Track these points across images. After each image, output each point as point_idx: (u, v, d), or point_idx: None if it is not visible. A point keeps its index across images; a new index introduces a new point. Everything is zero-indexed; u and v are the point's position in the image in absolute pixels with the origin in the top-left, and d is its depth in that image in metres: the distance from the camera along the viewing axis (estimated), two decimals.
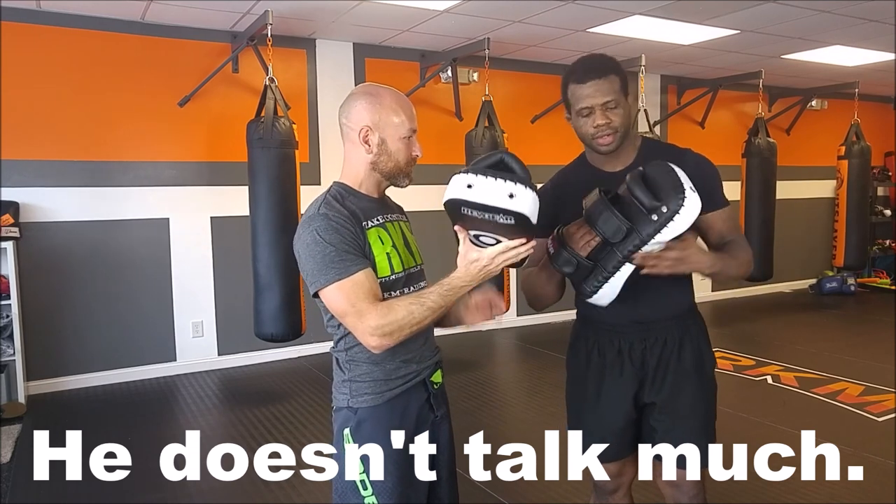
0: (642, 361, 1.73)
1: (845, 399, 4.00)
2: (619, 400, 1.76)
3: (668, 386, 1.73)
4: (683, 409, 1.73)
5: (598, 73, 1.64)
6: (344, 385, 1.52)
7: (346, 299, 1.38)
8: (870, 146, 6.41)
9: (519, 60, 5.84)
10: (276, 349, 4.94)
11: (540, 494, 2.85)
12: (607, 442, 1.79)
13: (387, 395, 1.49)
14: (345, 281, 1.38)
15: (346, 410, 1.51)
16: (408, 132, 1.50)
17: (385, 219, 1.52)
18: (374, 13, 4.39)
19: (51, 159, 4.33)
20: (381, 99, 1.49)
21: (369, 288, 1.39)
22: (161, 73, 4.59)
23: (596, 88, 1.63)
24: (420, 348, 1.55)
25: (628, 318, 1.71)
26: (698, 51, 5.52)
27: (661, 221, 1.44)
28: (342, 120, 1.52)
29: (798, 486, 2.85)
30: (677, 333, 1.73)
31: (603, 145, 1.67)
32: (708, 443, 1.76)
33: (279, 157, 3.91)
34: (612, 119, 1.64)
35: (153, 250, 4.66)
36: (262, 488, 2.94)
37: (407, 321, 1.37)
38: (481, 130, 4.66)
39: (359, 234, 1.43)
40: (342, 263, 1.38)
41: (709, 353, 1.80)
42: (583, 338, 1.83)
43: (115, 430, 3.69)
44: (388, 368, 1.49)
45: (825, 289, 7.49)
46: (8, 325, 4.00)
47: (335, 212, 1.43)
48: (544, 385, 4.44)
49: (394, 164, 1.51)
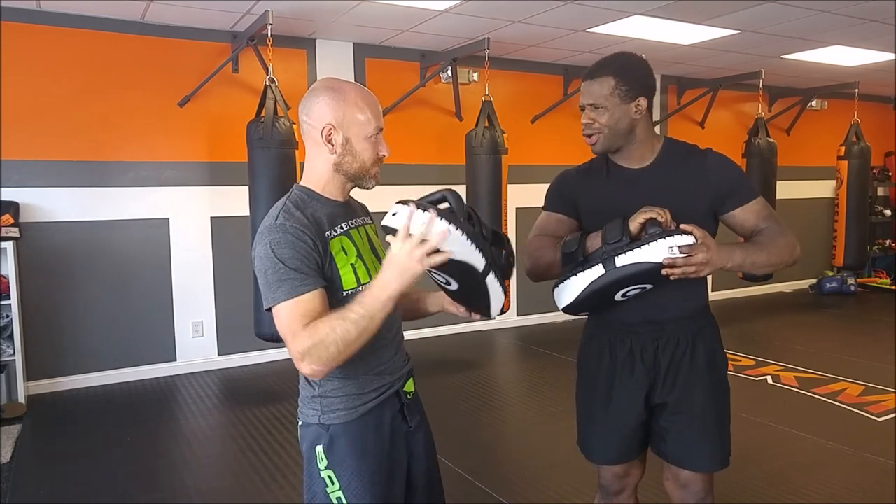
0: (654, 361, 1.72)
1: (845, 399, 4.00)
2: (631, 401, 1.74)
3: (679, 386, 1.71)
4: (696, 409, 1.72)
5: (592, 74, 1.67)
6: (314, 401, 1.43)
7: (288, 322, 1.29)
8: (870, 146, 6.40)
9: (519, 60, 5.85)
10: (276, 349, 4.94)
11: (540, 494, 2.85)
12: (617, 444, 1.79)
13: (360, 409, 1.42)
14: (290, 302, 1.29)
15: (317, 427, 1.42)
16: (374, 130, 1.40)
17: (350, 225, 1.45)
18: (374, 13, 4.39)
19: (51, 159, 4.33)
20: (345, 95, 1.39)
21: (311, 309, 1.29)
22: (161, 73, 4.60)
23: (585, 89, 1.68)
24: (392, 359, 1.48)
25: (642, 317, 1.70)
26: (698, 51, 5.52)
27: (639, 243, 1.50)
28: (303, 117, 1.42)
29: (798, 486, 2.85)
30: (690, 333, 1.72)
31: (589, 143, 1.72)
32: (721, 444, 1.75)
33: (279, 158, 3.91)
34: (594, 119, 1.67)
35: (153, 250, 4.66)
36: (262, 488, 2.94)
37: (331, 338, 1.25)
38: (481, 130, 4.66)
39: (318, 246, 1.34)
40: (290, 283, 1.29)
41: (721, 353, 1.78)
42: (595, 337, 1.82)
43: (115, 430, 3.69)
44: (360, 381, 1.42)
45: (825, 289, 7.50)
46: (8, 325, 4.00)
47: (293, 222, 1.33)
48: (544, 385, 4.44)
49: (359, 165, 1.41)
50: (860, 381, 4.31)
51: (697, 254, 1.47)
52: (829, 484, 2.90)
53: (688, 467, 1.75)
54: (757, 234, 1.68)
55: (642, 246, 1.49)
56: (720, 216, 1.72)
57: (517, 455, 3.35)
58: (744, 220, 1.69)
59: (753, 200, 1.69)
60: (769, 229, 1.67)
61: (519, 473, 3.08)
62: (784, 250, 1.64)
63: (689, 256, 1.47)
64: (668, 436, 1.74)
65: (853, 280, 7.53)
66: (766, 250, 1.62)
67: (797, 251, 1.66)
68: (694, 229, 1.49)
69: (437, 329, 5.55)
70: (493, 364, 5.22)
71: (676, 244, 1.47)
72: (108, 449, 3.42)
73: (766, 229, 1.67)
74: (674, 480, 1.79)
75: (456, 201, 1.31)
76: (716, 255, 1.50)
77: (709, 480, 1.78)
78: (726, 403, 1.78)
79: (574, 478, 2.96)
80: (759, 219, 1.69)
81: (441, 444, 1.73)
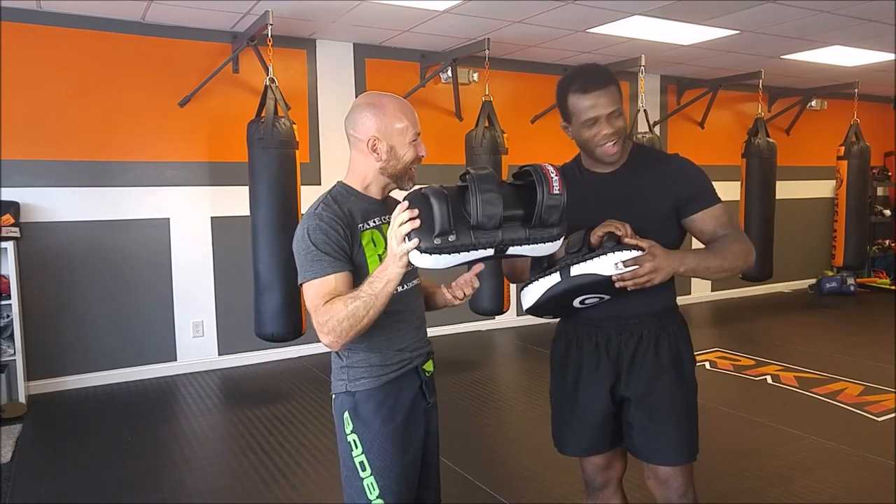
0: (618, 355, 1.76)
1: (845, 399, 4.00)
2: (596, 392, 1.78)
3: (643, 382, 1.74)
4: (660, 404, 1.74)
5: (601, 84, 1.68)
6: (342, 371, 1.60)
7: (312, 297, 1.47)
8: (869, 146, 6.41)
9: (519, 60, 5.85)
10: (276, 349, 4.95)
11: (540, 494, 2.85)
12: (586, 436, 1.83)
13: (382, 378, 1.57)
14: (317, 281, 1.47)
15: (345, 395, 1.59)
16: (413, 136, 1.59)
17: (382, 220, 1.58)
18: (374, 13, 4.39)
19: (51, 159, 4.33)
20: (385, 108, 1.57)
21: (334, 289, 1.46)
22: (161, 73, 4.60)
23: (601, 99, 1.67)
24: (413, 338, 1.64)
25: (608, 311, 1.75)
26: (698, 51, 5.52)
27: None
28: (349, 131, 1.60)
29: (798, 487, 2.85)
30: (654, 330, 1.76)
31: (610, 154, 1.72)
32: (685, 437, 1.77)
33: (279, 158, 3.91)
34: (617, 125, 1.69)
35: (153, 250, 4.66)
36: (262, 488, 2.94)
37: (343, 314, 1.41)
38: (481, 131, 4.66)
39: (348, 236, 1.51)
40: (319, 264, 1.47)
41: (688, 352, 1.81)
42: (563, 332, 1.88)
43: (115, 429, 3.70)
44: (383, 355, 1.58)
45: (825, 289, 7.50)
46: (8, 325, 4.00)
47: (330, 213, 1.51)
48: (544, 385, 4.41)
49: (402, 167, 1.59)
50: (860, 380, 4.31)
51: (645, 264, 1.53)
52: (829, 484, 2.90)
53: (653, 462, 1.78)
54: (715, 240, 1.71)
55: (594, 258, 1.57)
56: (682, 220, 1.75)
57: (517, 455, 3.35)
58: (703, 225, 1.73)
59: (713, 206, 1.73)
60: (728, 236, 1.70)
61: (519, 473, 3.08)
62: (738, 255, 1.67)
63: (637, 268, 1.53)
64: (633, 432, 1.77)
65: (853, 280, 7.54)
66: (720, 255, 1.65)
67: (751, 257, 1.69)
68: (639, 241, 1.55)
69: (437, 329, 5.55)
70: (493, 364, 5.22)
71: (621, 259, 1.54)
72: (109, 449, 3.42)
73: (725, 236, 1.70)
74: (654, 478, 1.82)
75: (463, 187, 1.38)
76: (665, 262, 1.55)
77: (687, 475, 1.79)
78: (692, 400, 1.80)
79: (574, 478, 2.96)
80: (718, 224, 1.72)
81: (441, 443, 1.74)
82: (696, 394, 1.81)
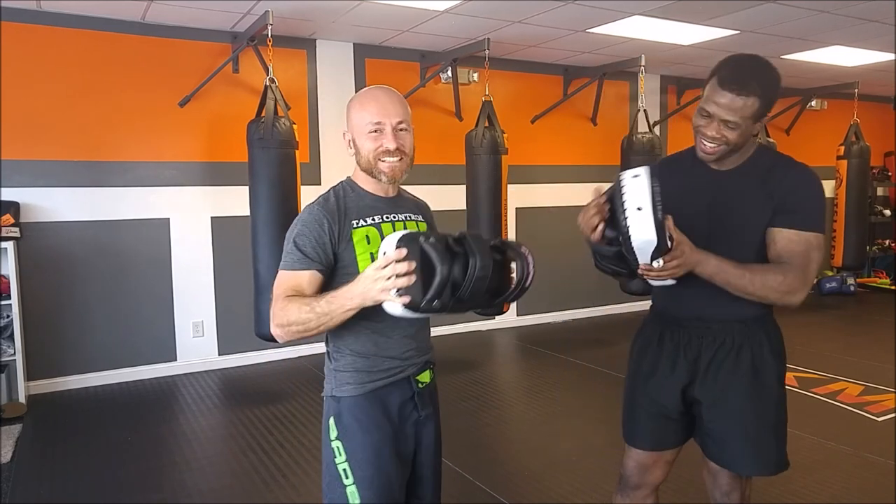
0: (696, 357, 1.73)
1: (845, 399, 4.00)
2: (669, 389, 1.77)
3: (718, 387, 1.71)
4: (732, 410, 1.71)
5: (741, 89, 1.53)
6: (331, 374, 1.58)
7: (278, 286, 1.48)
8: (869, 146, 6.41)
9: (519, 60, 5.85)
10: (276, 349, 4.95)
11: (540, 494, 2.85)
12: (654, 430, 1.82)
13: (368, 386, 1.53)
14: (287, 273, 1.48)
15: (331, 399, 1.57)
16: (371, 126, 1.50)
17: (384, 219, 1.54)
18: (374, 13, 4.39)
19: (51, 159, 4.33)
20: (356, 100, 1.55)
21: (298, 285, 1.46)
22: (161, 73, 4.60)
23: (728, 103, 1.55)
24: (404, 346, 1.57)
25: (692, 313, 1.73)
26: (698, 51, 5.52)
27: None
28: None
29: (798, 487, 2.85)
30: (738, 338, 1.70)
31: (706, 152, 1.65)
32: (755, 449, 1.74)
33: (279, 158, 3.91)
34: (726, 136, 1.59)
35: (153, 250, 4.66)
36: (262, 488, 2.94)
37: (294, 317, 1.40)
38: (481, 131, 4.66)
39: (335, 233, 1.48)
40: (293, 257, 1.48)
41: (774, 363, 1.74)
42: (649, 324, 1.87)
43: (115, 429, 3.69)
44: (370, 361, 1.53)
45: (825, 289, 7.50)
46: (8, 325, 4.00)
47: (322, 208, 1.51)
48: (544, 385, 4.44)
49: (364, 160, 1.53)
50: (860, 380, 4.31)
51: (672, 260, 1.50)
52: (829, 484, 2.90)
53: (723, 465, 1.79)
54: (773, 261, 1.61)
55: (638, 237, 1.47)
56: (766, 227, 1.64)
57: (517, 455, 3.35)
58: (771, 241, 1.62)
59: (800, 230, 1.59)
60: (781, 265, 1.58)
61: (519, 473, 3.08)
62: (770, 288, 1.57)
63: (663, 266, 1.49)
64: (708, 431, 1.76)
65: (853, 280, 7.54)
66: (747, 278, 1.56)
67: (791, 298, 1.58)
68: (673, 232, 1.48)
69: (437, 329, 5.54)
70: (493, 364, 5.22)
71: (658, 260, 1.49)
72: (109, 449, 3.42)
73: (778, 263, 1.59)
74: (708, 471, 1.87)
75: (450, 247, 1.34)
76: (689, 258, 1.52)
77: (737, 480, 1.82)
78: (769, 412, 1.74)
79: (574, 478, 2.96)
80: (786, 249, 1.59)
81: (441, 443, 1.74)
82: (777, 406, 1.76)
